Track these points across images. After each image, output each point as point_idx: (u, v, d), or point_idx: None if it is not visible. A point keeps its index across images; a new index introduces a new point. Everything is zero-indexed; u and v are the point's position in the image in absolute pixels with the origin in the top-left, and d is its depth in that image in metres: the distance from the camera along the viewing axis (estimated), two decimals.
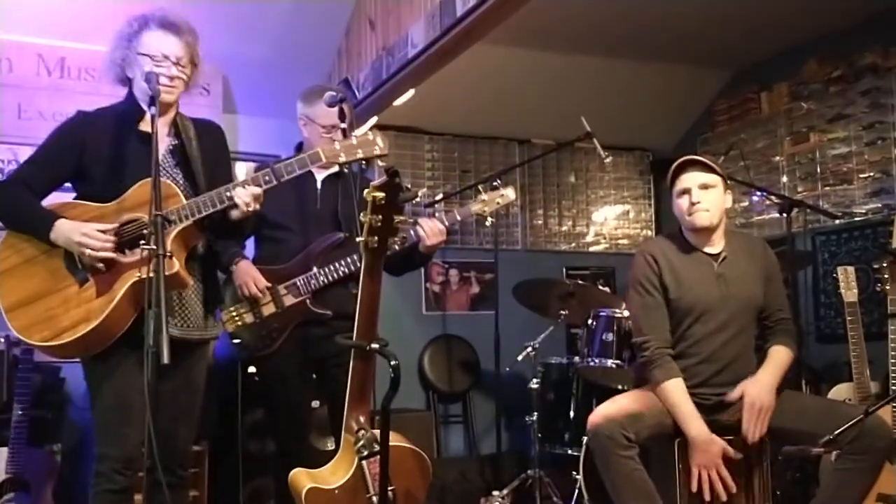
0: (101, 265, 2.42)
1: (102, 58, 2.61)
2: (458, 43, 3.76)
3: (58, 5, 4.29)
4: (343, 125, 3.11)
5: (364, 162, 2.63)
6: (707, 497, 2.65)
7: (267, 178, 2.49)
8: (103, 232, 2.41)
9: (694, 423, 2.69)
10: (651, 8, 4.55)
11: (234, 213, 2.50)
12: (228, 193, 2.45)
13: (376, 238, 2.12)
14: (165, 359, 2.02)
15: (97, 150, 2.53)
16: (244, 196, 2.45)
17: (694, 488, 2.66)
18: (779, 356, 2.85)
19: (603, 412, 2.72)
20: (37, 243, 2.47)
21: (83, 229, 2.40)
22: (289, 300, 3.12)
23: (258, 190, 2.47)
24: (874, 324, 4.39)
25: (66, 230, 2.42)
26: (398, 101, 4.60)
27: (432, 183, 5.64)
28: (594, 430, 2.66)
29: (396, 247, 3.05)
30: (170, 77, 2.51)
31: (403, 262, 3.23)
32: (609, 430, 2.62)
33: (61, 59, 4.50)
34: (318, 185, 3.24)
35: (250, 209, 2.47)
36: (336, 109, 3.06)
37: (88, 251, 2.39)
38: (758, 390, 2.72)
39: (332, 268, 3.11)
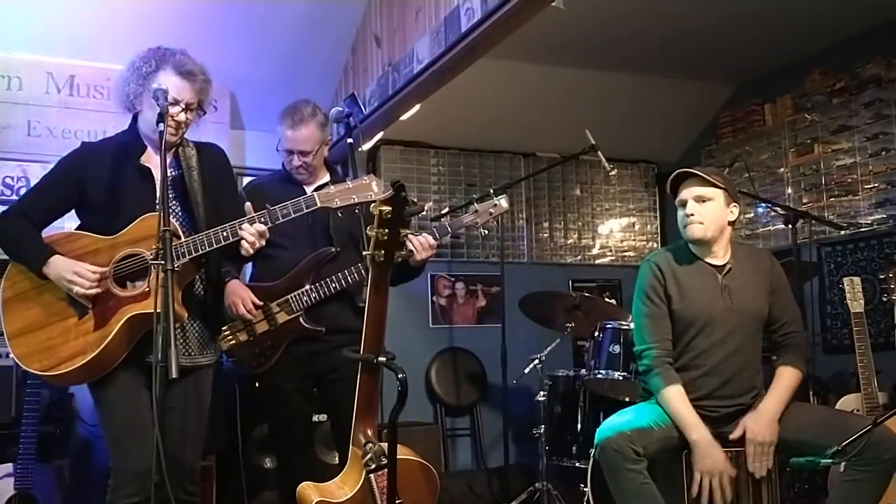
0: (88, 303, 2.47)
1: (114, 81, 2.66)
2: (463, 58, 3.78)
3: (67, 23, 4.33)
4: (300, 149, 3.16)
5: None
6: (705, 503, 2.64)
7: (263, 219, 2.56)
8: (98, 273, 2.46)
9: (695, 429, 2.69)
10: (655, 23, 4.58)
11: (241, 251, 2.57)
12: (225, 233, 2.51)
13: (383, 252, 2.13)
14: (174, 373, 2.04)
15: (98, 183, 2.57)
16: (249, 235, 2.51)
17: (694, 493, 2.65)
18: (786, 379, 2.83)
19: (611, 426, 2.72)
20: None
21: (75, 268, 2.46)
22: (281, 317, 3.12)
23: (263, 227, 2.54)
24: (881, 334, 4.39)
25: (58, 267, 2.47)
26: (404, 116, 4.62)
27: (438, 196, 5.66)
28: (602, 444, 2.66)
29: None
30: (177, 122, 2.56)
31: (398, 274, 3.24)
32: (618, 444, 2.62)
33: (71, 77, 4.54)
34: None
35: (256, 247, 2.54)
36: (292, 136, 3.14)
37: (77, 289, 2.45)
38: (760, 426, 2.70)
39: (324, 283, 3.11)
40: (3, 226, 2.58)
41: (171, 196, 2.62)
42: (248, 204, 2.65)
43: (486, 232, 3.34)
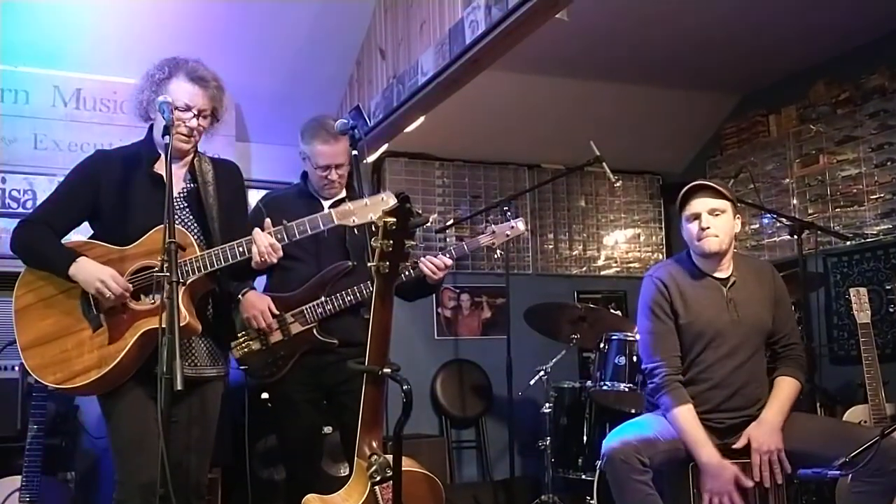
0: (115, 302, 2.46)
1: (129, 92, 2.67)
2: (468, 70, 3.80)
3: (74, 37, 4.36)
4: (338, 162, 3.15)
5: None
6: None
7: (279, 235, 2.55)
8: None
9: (704, 450, 2.67)
10: (659, 35, 4.59)
11: (252, 263, 2.55)
12: (241, 248, 2.50)
13: (387, 263, 2.14)
14: (179, 385, 2.04)
15: (111, 191, 2.58)
16: (261, 247, 2.49)
17: None
18: (785, 389, 2.82)
19: (618, 436, 2.70)
20: (53, 283, 2.52)
21: (108, 273, 2.44)
22: (295, 328, 3.13)
23: (275, 241, 2.52)
24: (888, 345, 4.38)
25: (89, 269, 2.46)
26: (409, 128, 4.63)
27: (443, 208, 5.66)
28: (609, 454, 2.64)
29: (404, 276, 3.06)
30: (189, 128, 2.56)
31: (415, 290, 3.25)
32: (624, 455, 2.60)
33: (77, 91, 4.56)
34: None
35: (265, 260, 2.52)
36: (331, 151, 3.12)
37: (109, 295, 2.43)
38: (764, 435, 2.69)
39: (339, 296, 3.12)
40: (25, 234, 2.57)
41: (184, 207, 2.62)
42: (267, 220, 2.63)
43: (502, 252, 3.35)
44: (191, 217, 2.63)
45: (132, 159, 2.63)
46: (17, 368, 3.77)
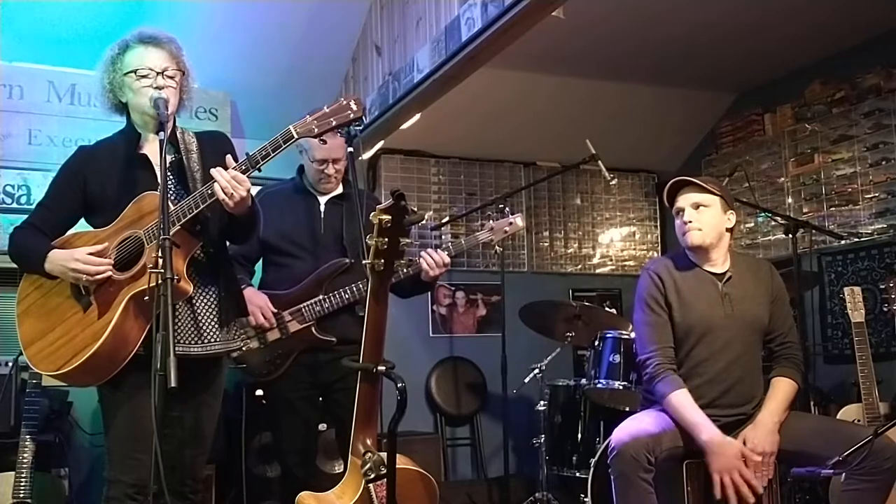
0: (91, 293, 2.42)
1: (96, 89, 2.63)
2: (464, 67, 3.80)
3: (68, 32, 4.35)
4: (335, 157, 3.13)
5: (371, 183, 2.59)
6: (734, 502, 2.59)
7: (244, 166, 2.41)
8: (98, 254, 2.41)
9: (705, 430, 2.66)
10: (655, 32, 4.59)
11: (227, 207, 2.41)
12: (209, 191, 2.38)
13: (382, 261, 2.13)
14: (173, 382, 2.01)
15: (99, 182, 2.55)
16: (222, 181, 2.35)
17: (718, 495, 2.60)
18: (782, 389, 2.81)
19: (628, 431, 2.68)
20: (45, 282, 2.50)
21: (75, 255, 2.41)
22: (293, 326, 3.13)
23: (237, 172, 2.38)
24: (882, 344, 4.39)
25: (59, 258, 2.43)
26: (404, 125, 4.63)
27: (438, 206, 5.66)
28: (620, 448, 2.62)
29: (402, 273, 3.05)
30: (157, 87, 2.48)
31: (410, 287, 3.25)
32: (635, 451, 2.59)
33: (72, 86, 4.55)
34: (322, 208, 3.26)
35: (230, 195, 2.35)
36: (328, 146, 3.07)
37: (85, 276, 2.40)
38: (759, 437, 2.67)
39: (337, 294, 3.12)
40: (15, 239, 2.56)
41: (172, 181, 2.55)
42: (228, 156, 2.46)
43: (501, 249, 3.35)
44: (178, 187, 2.56)
45: (116, 147, 2.60)
46: (10, 365, 3.76)
